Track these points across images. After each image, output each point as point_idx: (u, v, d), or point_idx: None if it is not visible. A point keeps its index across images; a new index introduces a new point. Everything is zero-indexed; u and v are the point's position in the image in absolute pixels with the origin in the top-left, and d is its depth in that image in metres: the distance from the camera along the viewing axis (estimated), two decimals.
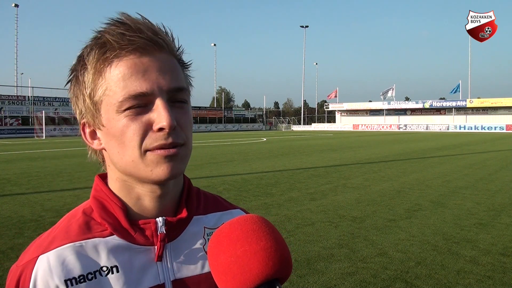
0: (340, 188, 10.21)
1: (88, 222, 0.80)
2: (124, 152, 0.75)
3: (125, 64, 0.73)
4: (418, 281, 4.50)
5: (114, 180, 0.82)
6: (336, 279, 4.52)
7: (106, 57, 0.73)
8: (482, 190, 9.99)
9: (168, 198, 0.83)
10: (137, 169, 0.75)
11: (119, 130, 0.74)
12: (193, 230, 0.86)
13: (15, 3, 62.56)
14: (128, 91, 0.72)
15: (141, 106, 0.73)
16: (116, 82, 0.72)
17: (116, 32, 0.73)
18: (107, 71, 0.73)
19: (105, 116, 0.75)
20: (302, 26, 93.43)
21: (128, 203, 0.81)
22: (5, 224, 6.73)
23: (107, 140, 0.77)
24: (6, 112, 49.48)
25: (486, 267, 4.88)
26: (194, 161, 16.73)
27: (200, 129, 67.79)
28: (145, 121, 0.73)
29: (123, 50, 0.73)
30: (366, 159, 17.57)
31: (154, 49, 0.75)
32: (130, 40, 0.72)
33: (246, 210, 1.00)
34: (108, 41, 0.72)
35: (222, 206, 0.96)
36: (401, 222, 6.90)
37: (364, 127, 73.46)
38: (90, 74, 0.74)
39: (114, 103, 0.73)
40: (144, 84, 0.72)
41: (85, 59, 0.75)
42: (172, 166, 0.75)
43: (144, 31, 0.74)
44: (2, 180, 11.67)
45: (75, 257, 0.75)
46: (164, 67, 0.75)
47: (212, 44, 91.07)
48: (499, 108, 66.05)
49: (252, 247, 0.60)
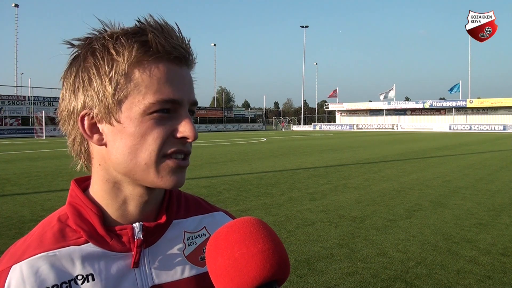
0: (340, 188, 10.21)
1: (62, 230, 0.78)
2: (137, 154, 0.73)
3: (163, 69, 0.73)
4: (418, 281, 4.50)
5: (103, 181, 0.79)
6: (336, 279, 4.53)
7: (146, 56, 0.72)
8: (482, 190, 9.99)
9: (152, 204, 0.82)
10: (147, 173, 0.74)
11: (141, 132, 0.73)
12: (173, 235, 0.85)
13: (15, 3, 62.58)
14: (161, 95, 0.72)
15: (167, 112, 0.73)
16: (149, 84, 0.72)
17: (161, 35, 0.72)
18: (143, 70, 0.72)
19: (126, 113, 0.73)
20: (302, 26, 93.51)
21: (111, 207, 0.79)
22: (5, 224, 6.73)
23: (117, 138, 0.74)
24: (6, 112, 49.46)
25: (486, 267, 4.88)
26: (194, 161, 16.73)
27: (200, 129, 67.71)
28: (169, 127, 0.74)
29: (165, 55, 0.73)
30: (366, 159, 17.57)
31: (185, 62, 0.77)
32: (174, 47, 0.73)
33: (228, 212, 0.98)
34: (153, 42, 0.72)
35: (203, 208, 0.94)
36: (401, 222, 6.90)
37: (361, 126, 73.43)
38: (122, 67, 0.72)
39: (142, 103, 0.72)
40: (177, 92, 0.73)
41: (115, 49, 0.72)
42: (181, 177, 0.76)
43: (184, 43, 0.76)
44: (2, 180, 11.67)
45: (48, 267, 0.73)
46: (189, 81, 0.78)
47: (212, 44, 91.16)
48: (499, 108, 66.06)
49: (249, 249, 0.60)
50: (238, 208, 7.95)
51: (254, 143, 31.50)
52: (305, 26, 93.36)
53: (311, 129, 76.79)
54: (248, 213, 7.50)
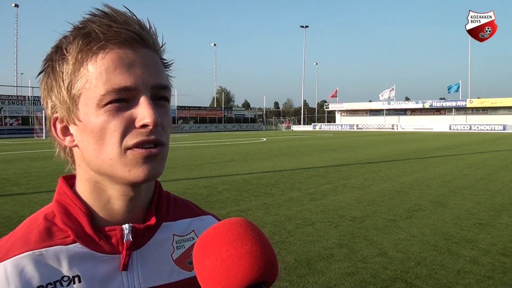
0: (340, 188, 10.21)
1: (49, 228, 0.75)
2: (101, 150, 0.71)
3: (110, 56, 0.69)
4: (418, 281, 4.50)
5: (85, 181, 0.77)
6: (336, 279, 4.53)
7: (89, 47, 0.69)
8: (482, 190, 9.99)
9: (139, 202, 0.79)
10: (114, 168, 0.71)
11: (99, 126, 0.70)
12: (162, 237, 0.82)
13: (15, 3, 62.60)
14: (111, 85, 0.68)
15: (123, 101, 0.70)
16: (98, 75, 0.69)
17: (101, 23, 0.69)
18: (90, 62, 0.69)
19: (83, 110, 0.71)
20: (302, 26, 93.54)
21: (96, 207, 0.77)
22: (5, 224, 6.73)
23: (83, 137, 0.72)
24: (6, 112, 49.52)
25: (486, 267, 4.88)
26: (194, 161, 16.73)
27: (200, 129, 67.81)
28: (127, 117, 0.70)
29: (108, 42, 0.69)
30: (366, 159, 17.57)
31: (140, 44, 0.72)
32: (117, 32, 0.69)
33: (217, 216, 0.96)
34: (93, 31, 0.69)
35: (192, 212, 0.92)
36: (401, 222, 6.90)
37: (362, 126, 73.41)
38: (70, 64, 0.70)
39: (95, 97, 0.69)
40: (128, 78, 0.69)
41: (65, 49, 0.71)
42: (151, 167, 0.71)
43: (131, 24, 0.71)
44: (2, 180, 11.68)
45: (34, 267, 0.70)
46: (149, 63, 0.72)
47: (212, 44, 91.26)
48: (499, 108, 66.09)
49: (237, 250, 0.59)
50: (238, 208, 7.95)
51: (254, 143, 31.50)
52: (305, 26, 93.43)
53: (311, 129, 76.82)
54: (248, 213, 7.50)
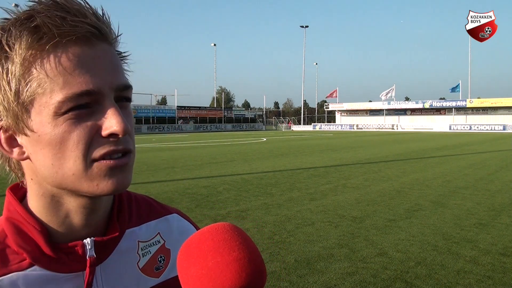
0: (340, 188, 10.21)
1: (2, 252, 0.66)
2: (62, 164, 0.61)
3: (66, 55, 0.59)
4: (418, 281, 4.50)
5: (39, 196, 0.67)
6: (336, 279, 4.53)
7: (40, 45, 0.58)
8: (482, 190, 9.99)
9: (100, 213, 0.72)
10: (78, 184, 0.63)
11: (58, 137, 0.60)
12: (125, 246, 0.75)
13: (15, 3, 62.55)
14: (70, 89, 0.58)
15: (85, 107, 0.60)
16: (54, 78, 0.58)
17: (53, 15, 0.58)
18: (42, 63, 0.59)
19: (37, 119, 0.60)
20: (302, 26, 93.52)
21: (53, 223, 0.68)
22: None
23: (37, 149, 0.62)
24: None
25: (486, 267, 4.88)
26: (194, 161, 16.74)
27: (200, 129, 67.83)
28: (91, 125, 0.61)
29: (64, 38, 0.59)
30: (366, 159, 17.57)
31: (98, 38, 0.62)
32: (73, 26, 0.59)
33: (182, 212, 0.90)
34: (45, 25, 0.58)
35: (156, 212, 0.84)
36: (401, 222, 6.90)
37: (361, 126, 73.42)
38: (17, 65, 0.59)
39: (51, 104, 0.59)
40: (90, 80, 0.60)
41: (7, 45, 0.59)
42: (122, 178, 0.64)
43: (87, 16, 0.61)
44: (2, 180, 11.65)
45: None
46: (110, 61, 0.63)
47: (212, 44, 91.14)
48: (499, 108, 66.08)
49: (224, 258, 0.56)
50: (238, 208, 7.95)
51: (254, 143, 31.50)
52: (305, 26, 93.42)
53: (311, 129, 76.82)
54: (248, 213, 7.51)
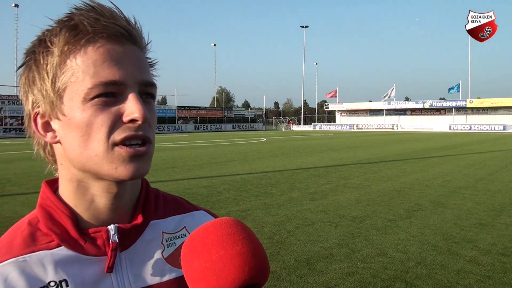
0: (340, 188, 10.22)
1: (33, 234, 0.73)
2: (87, 145, 0.68)
3: (98, 50, 0.68)
4: (418, 281, 4.50)
5: (68, 181, 0.75)
6: (336, 279, 4.53)
7: (76, 40, 0.68)
8: (482, 190, 9.99)
9: (125, 200, 0.77)
10: (99, 165, 0.69)
11: (85, 120, 0.67)
12: (150, 236, 0.80)
13: (15, 3, 62.55)
14: (99, 78, 0.67)
15: (111, 95, 0.68)
16: (85, 68, 0.67)
17: (89, 16, 0.68)
18: (76, 55, 0.68)
19: (68, 104, 0.69)
20: (302, 26, 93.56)
21: (80, 208, 0.75)
22: (5, 224, 6.73)
23: (66, 132, 0.70)
24: (6, 112, 49.50)
25: (486, 267, 4.89)
26: (194, 161, 16.74)
27: (200, 129, 67.80)
28: (115, 111, 0.68)
29: (96, 35, 0.68)
30: (366, 159, 17.57)
31: (128, 39, 0.71)
32: (105, 26, 0.68)
33: (210, 211, 0.94)
34: (81, 24, 0.67)
35: (183, 208, 0.89)
36: (401, 222, 6.90)
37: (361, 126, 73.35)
38: (56, 57, 0.68)
39: (81, 90, 0.67)
40: (117, 72, 0.68)
41: (49, 41, 0.69)
42: (138, 166, 0.70)
43: (119, 19, 0.70)
44: (2, 180, 11.68)
45: (18, 274, 0.68)
46: (137, 59, 0.71)
47: (212, 44, 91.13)
48: (499, 108, 66.08)
49: (227, 252, 0.57)
50: (238, 208, 7.95)
51: (254, 143, 31.50)
52: (305, 26, 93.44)
53: (311, 129, 76.81)
54: (248, 213, 7.51)
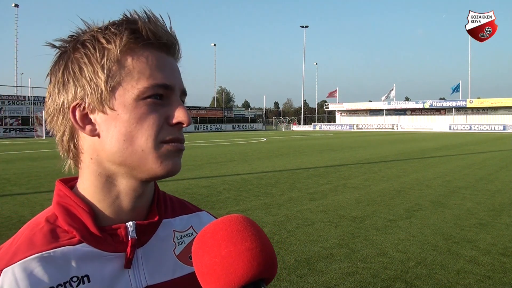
0: (340, 188, 10.21)
1: (53, 230, 0.75)
2: (133, 141, 0.72)
3: (153, 55, 0.74)
4: (418, 281, 4.50)
5: (96, 176, 0.77)
6: (336, 279, 4.53)
7: (136, 43, 0.73)
8: (482, 190, 9.99)
9: (144, 200, 0.81)
10: (144, 160, 0.73)
11: (136, 117, 0.72)
12: (163, 234, 0.84)
13: (15, 3, 62.56)
14: (154, 80, 0.73)
15: (160, 98, 0.74)
16: (141, 69, 0.73)
17: (149, 23, 0.74)
18: (134, 56, 0.73)
19: (120, 100, 0.72)
20: (302, 26, 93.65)
21: (103, 204, 0.77)
22: (5, 224, 6.73)
23: (111, 126, 0.73)
24: (6, 112, 49.49)
25: (486, 267, 4.88)
26: (194, 161, 16.74)
27: (200, 129, 67.79)
28: (163, 113, 0.74)
29: (155, 41, 0.74)
30: (366, 159, 17.57)
31: (175, 51, 0.79)
32: (161, 36, 0.75)
33: (210, 212, 0.99)
34: (144, 29, 0.73)
35: (188, 209, 0.94)
36: (401, 222, 6.90)
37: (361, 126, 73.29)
38: (114, 54, 0.72)
39: (137, 88, 0.72)
40: (169, 77, 0.75)
41: (105, 38, 0.73)
42: (178, 162, 0.76)
43: (172, 33, 0.77)
44: (2, 180, 11.67)
45: (42, 268, 0.70)
46: (178, 69, 0.79)
47: (212, 44, 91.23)
48: (499, 108, 66.09)
49: (237, 247, 0.59)
50: (238, 208, 7.94)
51: (254, 143, 31.49)
52: (305, 26, 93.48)
53: (311, 129, 76.80)
54: (248, 213, 7.50)
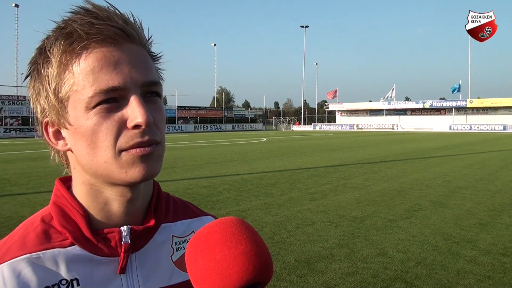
0: (340, 188, 10.21)
1: (47, 231, 0.73)
2: (95, 153, 0.69)
3: (94, 56, 0.67)
4: (418, 281, 4.50)
5: (80, 184, 0.75)
6: (336, 279, 4.53)
7: (72, 48, 0.67)
8: (482, 190, 9.99)
9: (138, 203, 0.78)
10: (110, 171, 0.70)
11: (90, 129, 0.68)
12: (161, 239, 0.81)
13: (15, 3, 62.53)
14: (98, 86, 0.66)
15: (113, 102, 0.68)
16: (84, 76, 0.66)
17: (83, 21, 0.67)
18: (74, 64, 0.67)
19: (73, 114, 0.69)
20: (302, 26, 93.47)
21: (93, 210, 0.75)
22: (5, 224, 6.73)
23: (75, 141, 0.71)
24: (6, 112, 49.51)
25: (486, 267, 4.88)
26: (194, 161, 16.74)
27: (200, 129, 67.81)
28: (118, 118, 0.68)
29: (91, 41, 0.67)
30: (366, 159, 17.56)
31: (125, 39, 0.69)
32: (99, 29, 0.67)
33: (216, 217, 0.93)
34: (75, 31, 0.66)
35: (192, 213, 0.91)
36: (401, 222, 6.90)
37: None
38: (55, 67, 0.68)
39: (83, 99, 0.67)
40: (116, 77, 0.67)
41: (48, 51, 0.69)
42: (148, 166, 0.70)
43: (114, 20, 0.68)
44: (2, 180, 11.67)
45: (31, 270, 0.69)
46: (137, 60, 0.70)
47: (212, 44, 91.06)
48: (499, 108, 66.05)
49: (231, 251, 0.57)
50: (238, 208, 7.95)
51: (254, 143, 31.49)
52: (305, 26, 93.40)
53: (311, 129, 76.78)
54: (248, 213, 7.50)
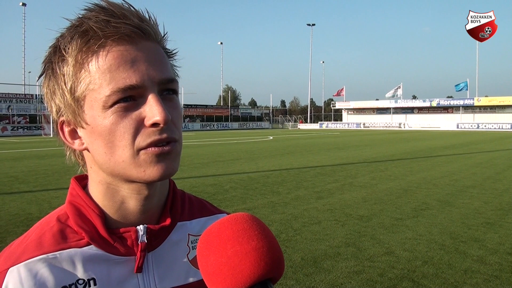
0: (347, 187, 10.19)
1: (63, 231, 0.74)
2: (113, 152, 0.69)
3: (111, 54, 0.66)
4: (425, 280, 4.48)
5: (97, 183, 0.75)
6: (343, 278, 4.52)
7: (89, 46, 0.66)
8: (489, 189, 9.92)
9: (154, 201, 0.78)
10: (128, 170, 0.69)
11: (107, 128, 0.67)
12: (177, 238, 0.81)
13: (22, 2, 62.90)
14: (116, 84, 0.66)
15: (130, 100, 0.67)
16: (101, 75, 0.66)
17: (98, 19, 0.66)
18: (90, 62, 0.67)
19: (89, 113, 0.68)
20: (309, 24, 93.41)
21: (110, 209, 0.75)
22: (12, 222, 6.79)
23: (92, 140, 0.70)
24: (14, 110, 49.87)
25: (494, 267, 4.85)
26: (201, 159, 16.77)
27: (207, 127, 67.91)
28: (136, 117, 0.67)
29: (108, 39, 0.66)
30: (373, 158, 17.51)
31: (141, 37, 0.69)
32: (116, 27, 0.66)
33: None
34: (91, 29, 0.66)
35: (208, 211, 0.90)
36: (408, 221, 6.87)
37: None
38: (71, 66, 0.67)
39: (100, 98, 0.66)
40: (133, 75, 0.66)
41: (63, 49, 0.68)
42: (166, 165, 0.70)
43: (130, 18, 0.68)
44: (10, 177, 11.76)
45: (48, 270, 0.69)
46: (153, 57, 0.69)
47: (219, 43, 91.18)
48: (507, 107, 65.47)
49: (243, 247, 0.57)
50: (245, 207, 7.95)
51: (260, 141, 31.48)
52: (312, 24, 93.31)
53: (317, 128, 76.59)
54: (255, 212, 7.50)
